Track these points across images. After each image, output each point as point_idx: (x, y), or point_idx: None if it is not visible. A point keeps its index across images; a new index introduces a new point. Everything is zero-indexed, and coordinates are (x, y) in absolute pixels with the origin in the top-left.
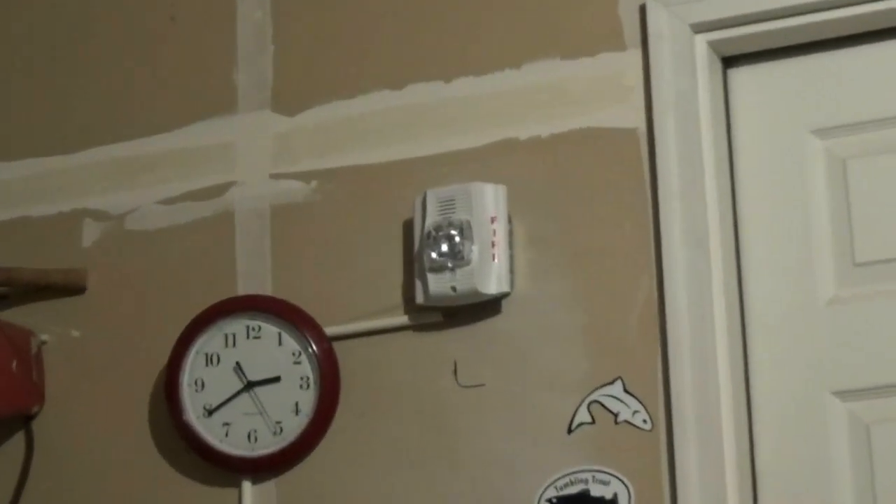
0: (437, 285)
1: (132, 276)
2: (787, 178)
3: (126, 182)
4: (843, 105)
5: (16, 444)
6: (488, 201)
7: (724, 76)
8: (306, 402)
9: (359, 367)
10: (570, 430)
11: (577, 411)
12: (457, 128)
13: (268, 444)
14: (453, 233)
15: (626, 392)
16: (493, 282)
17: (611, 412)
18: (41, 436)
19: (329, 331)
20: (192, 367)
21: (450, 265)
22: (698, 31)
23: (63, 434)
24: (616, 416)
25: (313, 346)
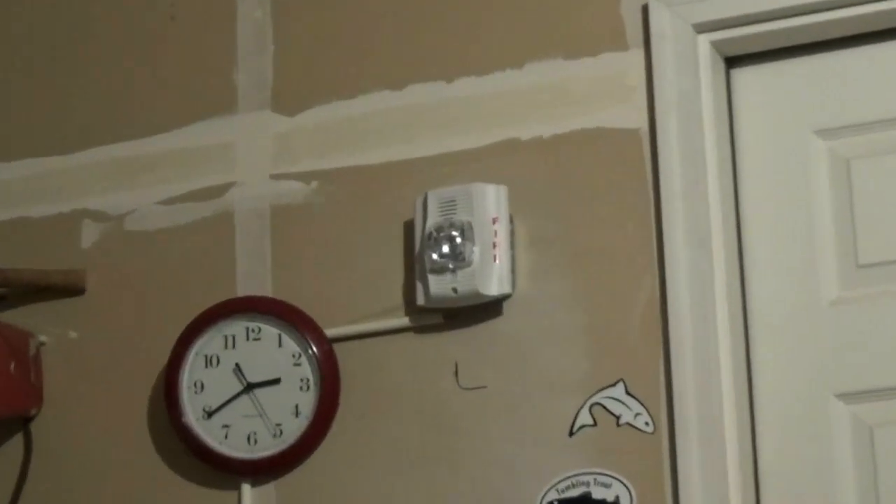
0: (438, 286)
1: (131, 277)
2: (790, 178)
3: (126, 182)
4: (846, 105)
5: (14, 445)
6: (490, 202)
7: (727, 76)
8: (306, 403)
9: (359, 368)
10: (571, 433)
11: (578, 413)
12: (458, 128)
13: (267, 446)
14: (454, 234)
15: (628, 394)
16: (495, 283)
17: (613, 414)
18: (39, 438)
19: (329, 332)
20: (191, 369)
21: (451, 266)
22: (701, 31)
23: (62, 436)
24: (618, 419)
25: (313, 348)
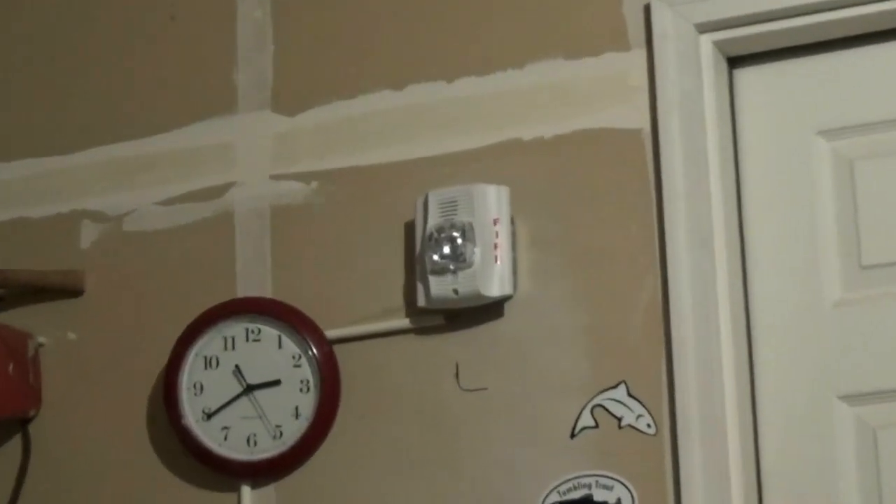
0: (439, 288)
1: (131, 278)
2: (793, 179)
3: (125, 183)
4: (850, 106)
5: (12, 447)
6: (491, 203)
7: (730, 76)
8: (306, 405)
9: (359, 370)
10: (573, 435)
11: (580, 415)
12: (459, 128)
13: (267, 447)
14: (455, 235)
15: (630, 396)
16: (496, 284)
17: (614, 416)
18: (38, 439)
19: (329, 334)
20: (191, 370)
21: (452, 267)
22: (703, 30)
23: (60, 437)
24: (620, 421)
25: (313, 349)
